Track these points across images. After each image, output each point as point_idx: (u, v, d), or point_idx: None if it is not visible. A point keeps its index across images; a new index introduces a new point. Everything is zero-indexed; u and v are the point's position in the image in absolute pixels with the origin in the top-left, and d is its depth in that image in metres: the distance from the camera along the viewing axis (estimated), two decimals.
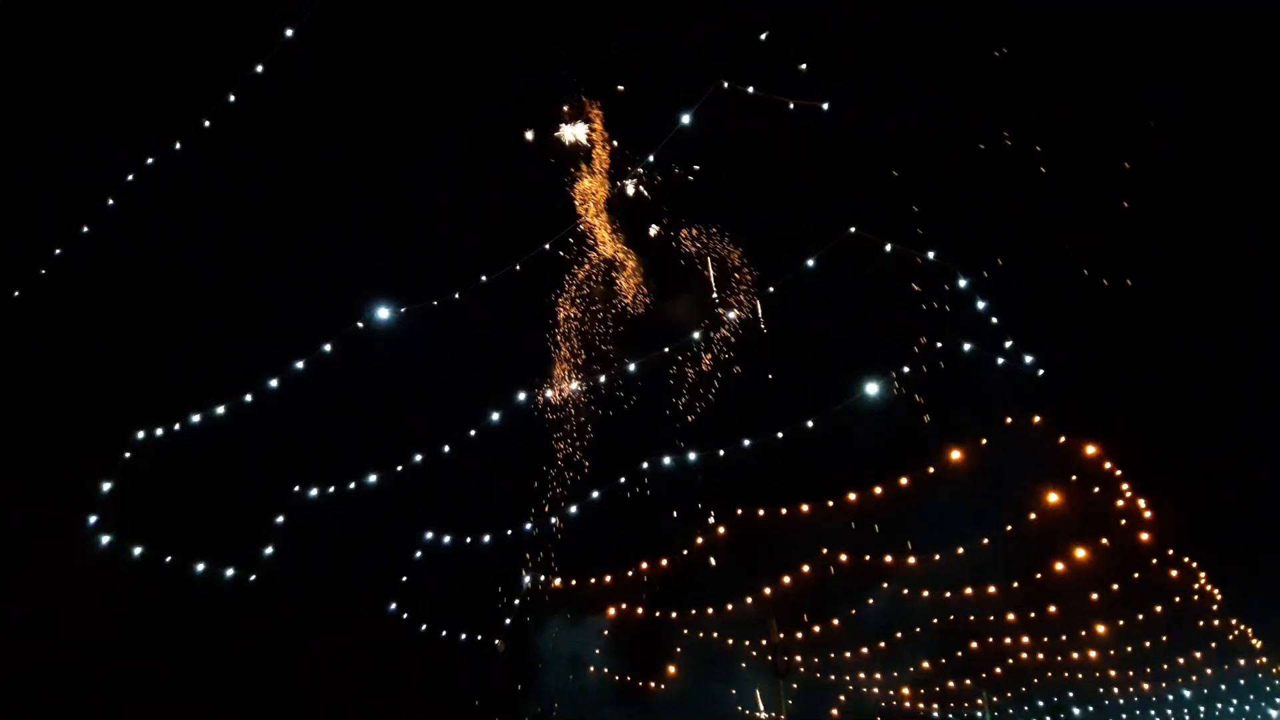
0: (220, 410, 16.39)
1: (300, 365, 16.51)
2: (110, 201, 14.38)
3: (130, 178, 14.22)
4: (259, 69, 12.86)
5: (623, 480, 21.18)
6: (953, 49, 17.54)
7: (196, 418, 16.47)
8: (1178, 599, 26.80)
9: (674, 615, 25.28)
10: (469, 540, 20.45)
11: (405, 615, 20.88)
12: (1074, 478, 22.52)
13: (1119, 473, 22.74)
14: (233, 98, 13.10)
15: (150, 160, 13.90)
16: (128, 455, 16.66)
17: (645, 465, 20.87)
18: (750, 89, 13.45)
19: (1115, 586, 25.73)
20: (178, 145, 13.65)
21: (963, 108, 18.11)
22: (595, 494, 21.21)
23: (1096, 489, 22.94)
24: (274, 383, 16.43)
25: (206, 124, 13.27)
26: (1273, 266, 19.85)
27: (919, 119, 17.06)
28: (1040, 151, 18.76)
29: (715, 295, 19.75)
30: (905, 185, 17.92)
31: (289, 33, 12.46)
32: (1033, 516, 23.34)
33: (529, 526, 20.80)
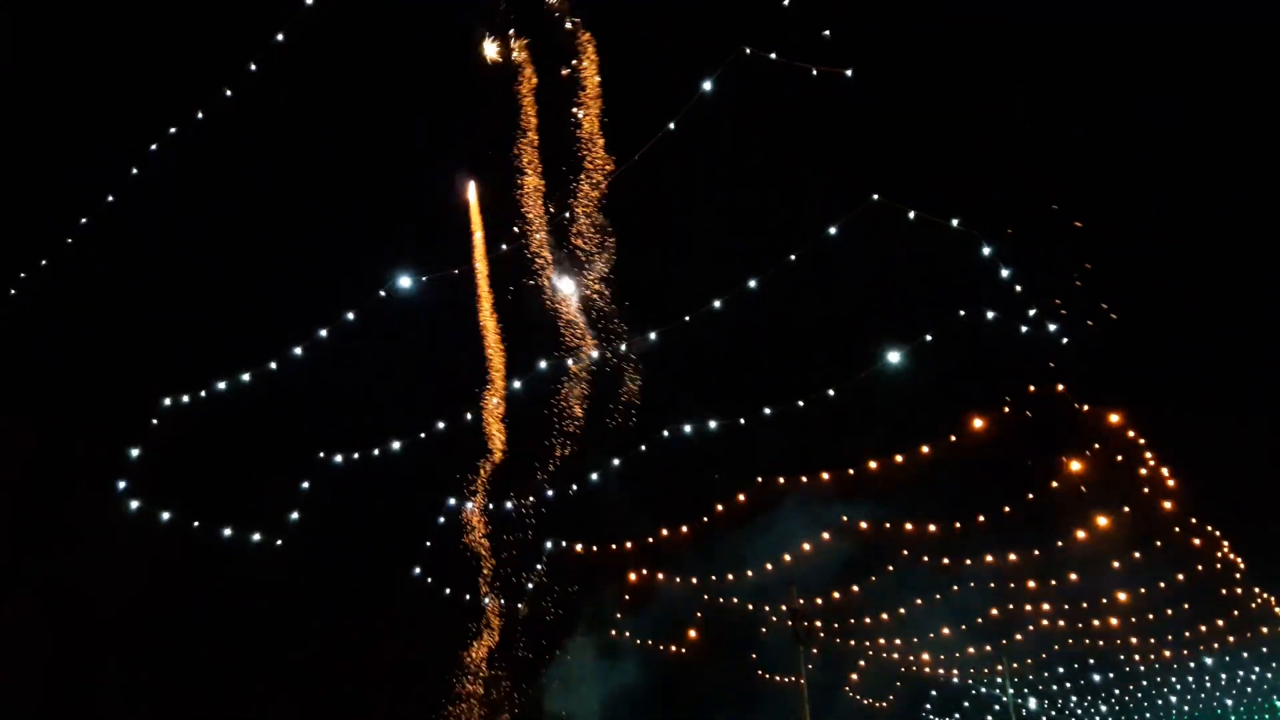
0: (245, 378, 16.57)
1: (324, 333, 16.65)
2: (135, 171, 14.47)
3: (154, 147, 14.31)
4: (279, 36, 12.88)
5: (644, 448, 21.25)
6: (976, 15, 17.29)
7: (222, 385, 16.65)
8: (1200, 567, 26.68)
9: (694, 581, 25.46)
10: (491, 507, 20.65)
11: (429, 579, 21.16)
12: (1096, 446, 22.42)
13: (1142, 441, 22.61)
14: (253, 65, 13.14)
15: (173, 130, 13.96)
16: (155, 422, 16.90)
17: (666, 433, 20.93)
18: (773, 55, 13.35)
19: (1137, 554, 25.66)
20: (199, 114, 13.70)
21: (988, 76, 17.86)
22: (616, 461, 21.31)
23: (1119, 457, 22.83)
24: (298, 350, 16.58)
25: (228, 92, 13.31)
26: None
27: (943, 87, 16.84)
28: (1064, 120, 18.53)
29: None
30: (929, 153, 17.74)
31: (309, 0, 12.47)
32: (1054, 485, 23.30)
33: (550, 493, 20.95)
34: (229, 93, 13.22)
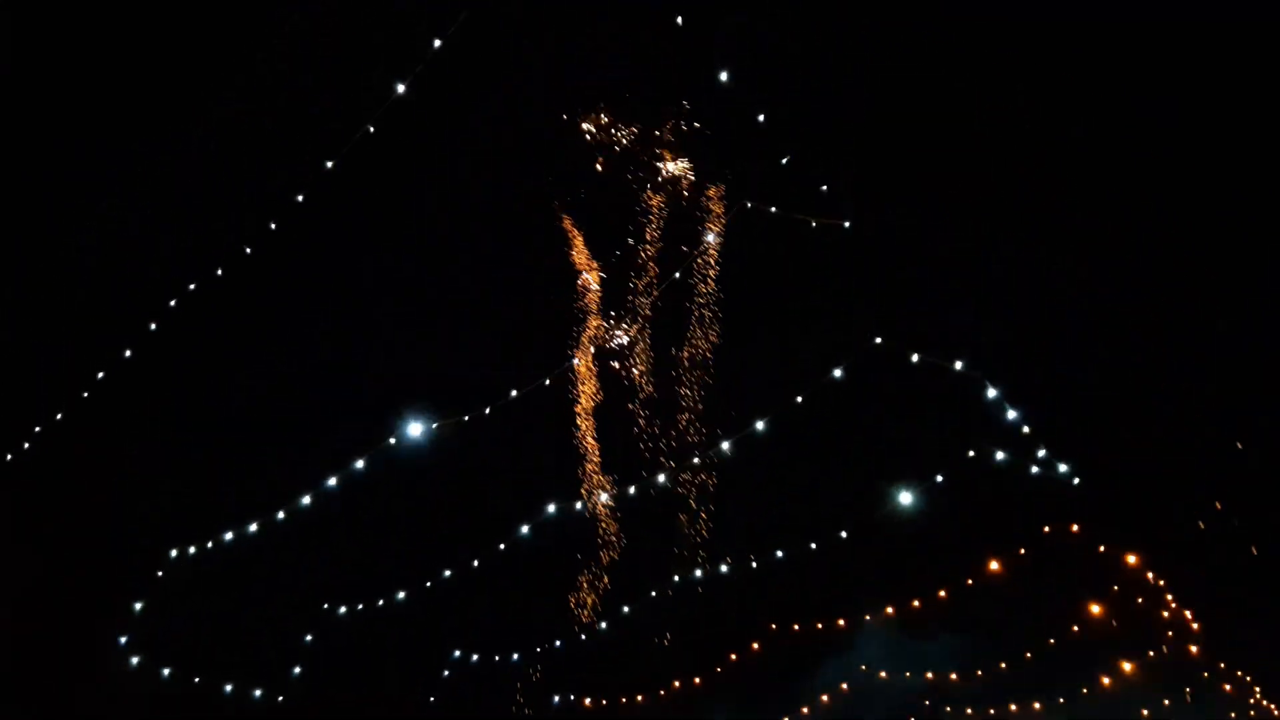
0: (253, 528, 16.50)
1: (332, 482, 16.63)
2: (153, 326, 14.81)
3: (172, 302, 14.68)
4: (299, 198, 13.37)
5: (654, 594, 20.94)
6: (971, 163, 17.89)
7: (229, 535, 16.58)
8: (1234, 715, 25.75)
9: None
10: (498, 659, 20.19)
11: None
12: (1115, 588, 22.01)
13: (1163, 583, 22.20)
14: (273, 225, 13.60)
15: (192, 287, 14.35)
16: (160, 574, 16.78)
17: (676, 578, 20.66)
18: (773, 208, 13.82)
19: (1166, 702, 24.81)
20: (219, 272, 14.10)
21: (985, 219, 18.36)
22: (626, 609, 20.95)
23: (1140, 600, 22.38)
24: (306, 500, 16.54)
25: (248, 250, 13.74)
26: None
27: (940, 232, 17.31)
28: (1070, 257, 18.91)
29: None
30: (931, 295, 18.07)
31: (329, 165, 12.99)
32: (1075, 629, 22.74)
33: (559, 643, 20.51)
34: (248, 250, 13.69)
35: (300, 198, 12.96)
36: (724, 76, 12.39)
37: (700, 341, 19.54)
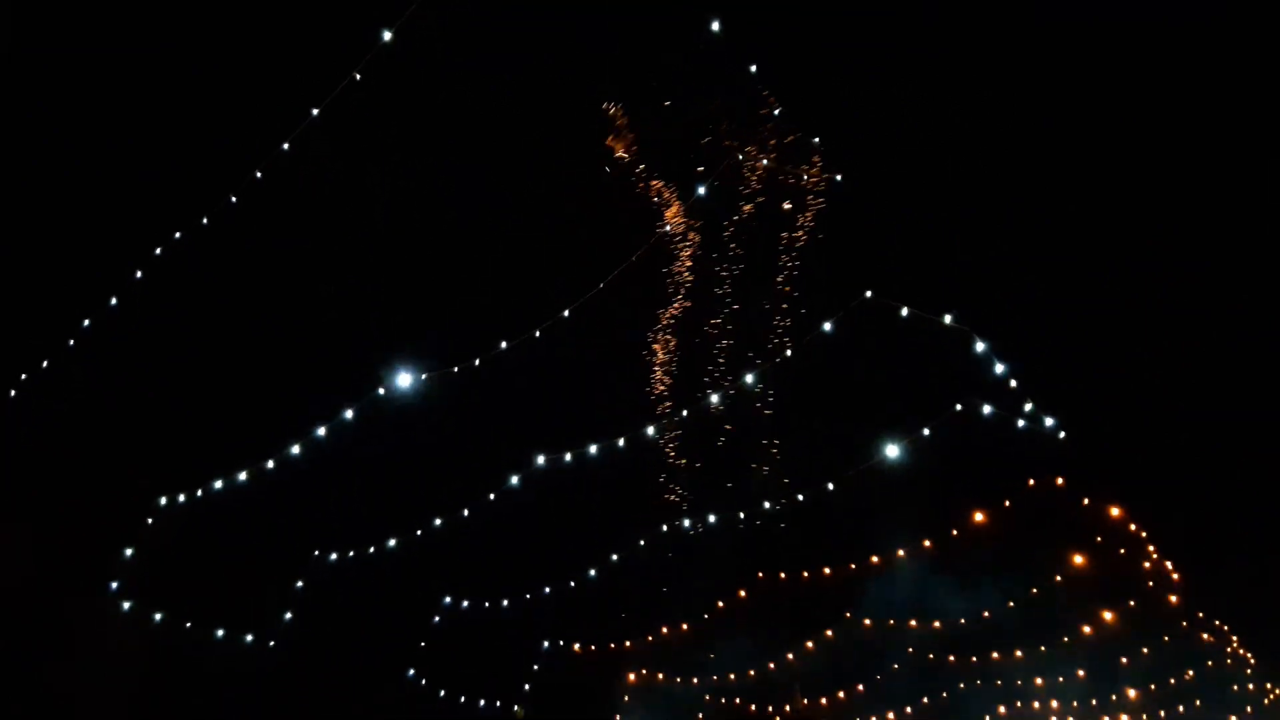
0: (242, 476, 16.49)
1: (321, 431, 16.60)
2: (139, 274, 14.68)
3: (158, 250, 14.54)
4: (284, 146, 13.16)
5: (642, 543, 21.10)
6: (967, 114, 17.72)
7: (219, 484, 16.58)
8: (1210, 663, 26.29)
9: (695, 680, 25.01)
10: (488, 605, 20.39)
11: (424, 681, 20.78)
12: (1099, 540, 22.30)
13: (1145, 534, 22.50)
14: (259, 173, 13.41)
15: (177, 235, 14.19)
16: (150, 521, 16.80)
17: (665, 529, 20.81)
18: (765, 160, 13.72)
19: (1145, 650, 25.30)
20: (204, 220, 13.93)
21: (980, 171, 18.24)
22: (615, 557, 21.11)
23: (1122, 551, 22.69)
24: (295, 449, 16.52)
25: (234, 199, 13.56)
26: None
27: (934, 184, 17.21)
28: (1063, 210, 18.84)
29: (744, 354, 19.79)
30: (923, 249, 18.02)
31: (314, 112, 12.76)
32: (1058, 579, 23.08)
33: (548, 590, 20.71)
34: (234, 198, 13.51)
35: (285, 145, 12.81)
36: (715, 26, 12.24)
37: (689, 295, 19.50)
